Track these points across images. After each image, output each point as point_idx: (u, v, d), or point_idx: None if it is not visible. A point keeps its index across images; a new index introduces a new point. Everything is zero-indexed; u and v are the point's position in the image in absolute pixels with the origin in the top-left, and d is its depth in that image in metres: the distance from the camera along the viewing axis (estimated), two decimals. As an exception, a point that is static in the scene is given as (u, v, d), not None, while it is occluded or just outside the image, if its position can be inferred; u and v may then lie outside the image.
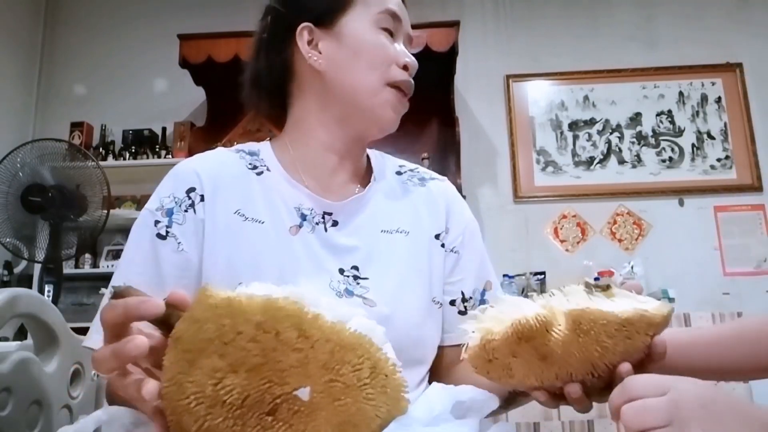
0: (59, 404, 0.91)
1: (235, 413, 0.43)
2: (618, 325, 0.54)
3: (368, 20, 0.82)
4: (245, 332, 0.44)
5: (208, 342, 0.44)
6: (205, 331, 0.44)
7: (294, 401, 0.44)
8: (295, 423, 0.44)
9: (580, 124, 3.26)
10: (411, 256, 0.84)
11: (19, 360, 0.81)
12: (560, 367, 0.56)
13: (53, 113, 3.43)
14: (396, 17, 0.84)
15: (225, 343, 0.44)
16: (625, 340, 0.54)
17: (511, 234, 3.11)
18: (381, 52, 0.82)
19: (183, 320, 0.46)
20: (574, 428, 2.33)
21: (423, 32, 2.83)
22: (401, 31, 0.86)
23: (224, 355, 0.43)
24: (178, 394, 0.44)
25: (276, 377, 0.44)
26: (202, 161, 0.84)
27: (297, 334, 0.44)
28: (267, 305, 0.45)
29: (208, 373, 0.43)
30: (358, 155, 0.88)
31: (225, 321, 0.44)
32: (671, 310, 0.57)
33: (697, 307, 2.63)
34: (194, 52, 2.95)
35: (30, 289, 1.02)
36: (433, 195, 0.91)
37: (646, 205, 3.14)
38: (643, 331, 0.55)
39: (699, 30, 3.30)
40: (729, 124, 3.20)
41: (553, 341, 0.55)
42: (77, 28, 3.56)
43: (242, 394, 0.43)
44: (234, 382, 0.43)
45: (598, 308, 0.55)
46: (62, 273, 1.99)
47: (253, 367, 0.43)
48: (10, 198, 1.97)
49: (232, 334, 0.44)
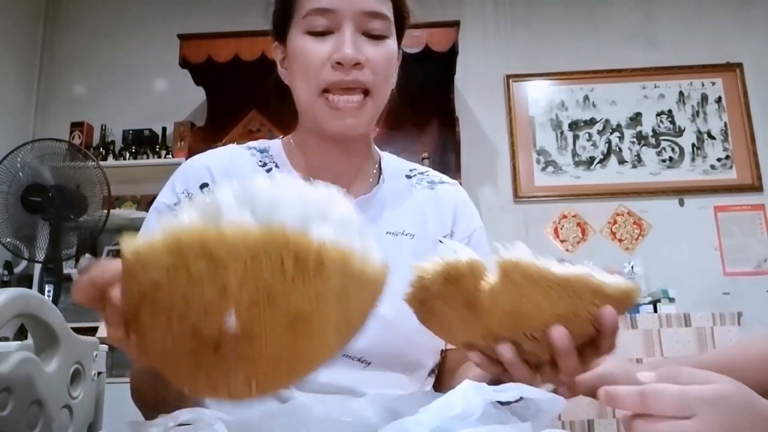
0: (59, 404, 0.91)
1: (188, 361, 0.43)
2: (553, 282, 0.51)
3: (299, 28, 0.78)
4: (161, 283, 0.40)
5: (140, 300, 0.42)
6: (134, 290, 0.42)
7: (229, 329, 0.42)
8: (241, 348, 0.42)
9: (580, 124, 3.26)
10: (415, 260, 0.84)
11: (19, 360, 0.81)
12: (489, 319, 0.53)
13: (53, 113, 3.43)
14: (325, 12, 0.76)
15: (149, 300, 0.42)
16: (562, 302, 0.51)
17: (511, 234, 3.10)
18: (305, 59, 0.76)
19: (122, 279, 0.43)
20: (574, 428, 2.33)
21: (423, 32, 2.82)
22: (342, 21, 0.76)
23: (154, 313, 0.42)
24: (144, 347, 0.44)
25: (201, 318, 0.41)
26: (213, 157, 0.84)
27: (205, 262, 0.40)
28: (170, 242, 0.40)
29: (149, 334, 0.43)
30: (356, 157, 0.87)
31: (140, 274, 0.41)
32: (634, 288, 0.53)
33: (697, 307, 2.63)
34: (194, 52, 2.95)
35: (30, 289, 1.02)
36: (441, 198, 0.90)
37: (646, 205, 3.14)
38: (587, 298, 0.51)
39: (699, 30, 3.30)
40: (729, 124, 3.20)
41: (480, 289, 0.52)
42: (77, 29, 3.56)
43: (182, 345, 0.42)
44: (170, 338, 0.42)
45: (533, 262, 0.52)
46: (62, 273, 1.99)
47: (178, 315, 0.41)
48: (10, 198, 1.97)
49: (151, 289, 0.41)
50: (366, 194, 0.86)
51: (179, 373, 0.45)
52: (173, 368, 0.45)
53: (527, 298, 0.52)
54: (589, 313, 0.52)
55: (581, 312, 0.52)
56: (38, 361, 0.87)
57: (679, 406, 0.44)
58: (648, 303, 2.72)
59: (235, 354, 0.43)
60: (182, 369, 0.44)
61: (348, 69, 0.75)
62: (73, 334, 0.96)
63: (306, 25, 0.77)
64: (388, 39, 0.79)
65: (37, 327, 0.90)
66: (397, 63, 0.86)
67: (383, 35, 0.78)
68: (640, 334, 2.41)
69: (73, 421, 0.95)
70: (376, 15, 0.77)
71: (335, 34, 0.76)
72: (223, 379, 0.44)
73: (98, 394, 1.06)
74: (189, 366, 0.44)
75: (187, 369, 0.44)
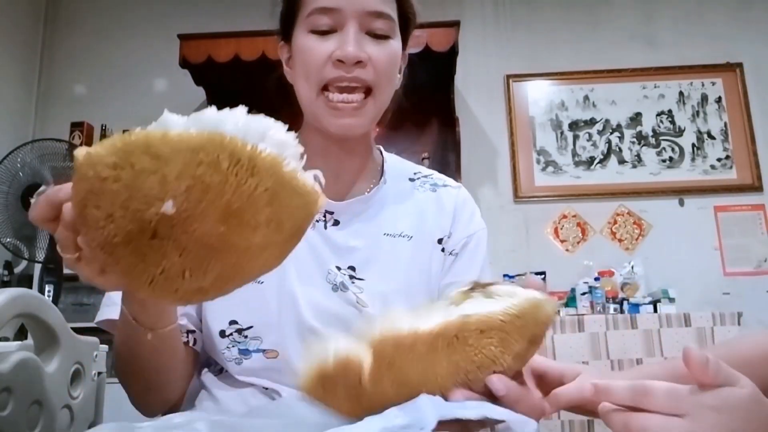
0: (60, 404, 0.91)
1: (128, 249, 0.46)
2: (427, 343, 0.50)
3: (303, 27, 0.79)
4: (107, 176, 0.44)
5: (87, 195, 0.46)
6: (82, 187, 0.46)
7: (167, 219, 0.45)
8: (177, 235, 0.45)
9: (580, 124, 3.26)
10: (412, 261, 0.84)
11: (19, 360, 0.81)
12: (385, 401, 0.51)
13: (53, 113, 3.43)
14: (329, 11, 0.76)
15: (95, 193, 0.45)
16: (451, 356, 0.50)
17: (511, 234, 3.12)
18: (308, 57, 0.77)
19: (73, 181, 0.47)
20: (574, 428, 2.33)
21: (423, 32, 2.82)
22: (345, 20, 0.76)
23: (99, 206, 0.45)
24: (90, 242, 0.47)
25: (141, 204, 0.44)
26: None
27: (148, 158, 0.44)
28: (118, 143, 0.45)
29: (94, 227, 0.46)
30: (357, 157, 0.87)
31: (89, 172, 0.45)
32: (537, 304, 0.52)
33: (697, 307, 2.63)
34: (194, 52, 2.95)
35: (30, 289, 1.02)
36: (442, 200, 0.90)
37: (646, 205, 3.14)
38: (477, 340, 0.50)
39: (699, 30, 3.30)
40: (729, 124, 3.20)
41: (361, 383, 0.51)
42: (77, 29, 3.55)
43: (123, 232, 0.45)
44: (112, 226, 0.45)
45: (399, 331, 0.50)
46: (62, 273, 1.99)
47: (121, 204, 0.45)
48: (11, 198, 1.97)
49: (98, 182, 0.44)
50: (366, 193, 0.86)
51: (121, 264, 0.47)
52: (115, 260, 0.47)
53: (412, 369, 0.51)
54: (487, 356, 0.51)
55: (478, 356, 0.51)
56: (38, 361, 0.87)
57: (669, 404, 0.44)
58: (648, 303, 2.72)
59: (170, 239, 0.45)
60: (123, 259, 0.47)
61: (350, 67, 0.75)
62: (73, 334, 0.96)
63: (310, 24, 0.77)
64: (391, 39, 0.79)
65: (37, 327, 0.90)
66: (401, 64, 0.85)
67: (387, 35, 0.79)
68: (640, 334, 2.41)
69: (74, 421, 0.95)
70: (380, 15, 0.78)
71: (338, 33, 0.77)
72: (158, 267, 0.47)
73: (98, 394, 1.06)
74: (129, 255, 0.46)
75: (128, 259, 0.47)
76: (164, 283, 0.48)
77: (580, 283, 2.86)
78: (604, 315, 2.57)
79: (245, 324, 0.78)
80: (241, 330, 0.78)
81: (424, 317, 0.52)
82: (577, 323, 2.46)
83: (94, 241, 0.47)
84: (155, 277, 0.47)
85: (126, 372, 0.71)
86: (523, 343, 0.52)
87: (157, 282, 0.47)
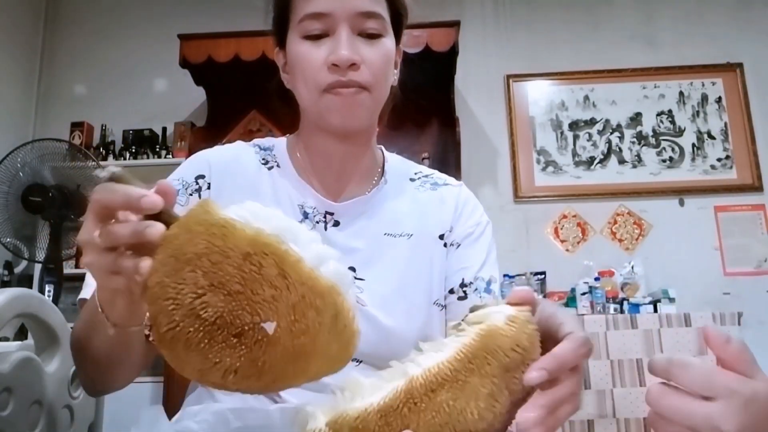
0: (60, 404, 0.91)
1: (206, 327, 0.47)
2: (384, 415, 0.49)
3: (296, 33, 0.79)
4: (232, 259, 0.46)
5: (197, 256, 0.47)
6: (196, 245, 0.47)
7: (259, 331, 0.47)
8: (255, 349, 0.48)
9: (580, 124, 3.26)
10: (412, 259, 0.84)
11: (19, 360, 0.81)
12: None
13: (53, 113, 3.43)
14: (319, 16, 0.76)
15: (212, 262, 0.46)
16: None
17: (511, 234, 3.12)
18: (304, 64, 0.78)
19: (179, 226, 0.48)
20: (574, 428, 2.33)
21: (423, 32, 2.82)
22: (337, 23, 0.76)
23: (208, 274, 0.46)
24: (160, 294, 0.47)
25: (249, 307, 0.47)
26: (217, 152, 0.87)
27: (276, 272, 0.47)
28: (256, 239, 0.47)
29: (190, 285, 0.47)
30: (357, 156, 0.87)
31: (217, 242, 0.46)
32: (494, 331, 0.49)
33: (697, 307, 2.63)
34: (194, 52, 2.95)
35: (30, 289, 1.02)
36: (444, 198, 0.91)
37: (647, 205, 3.14)
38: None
39: (699, 30, 3.30)
40: (729, 124, 3.20)
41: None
42: (77, 29, 3.55)
43: (216, 313, 0.47)
44: (212, 300, 0.46)
45: (349, 415, 0.50)
46: (62, 273, 1.99)
47: (231, 292, 0.46)
48: (11, 198, 1.97)
49: (220, 257, 0.46)
50: (366, 194, 0.86)
51: (184, 333, 0.48)
52: (185, 325, 0.47)
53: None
54: (448, 413, 0.48)
55: (438, 418, 0.49)
56: (39, 361, 0.87)
57: (701, 385, 0.43)
58: (648, 303, 2.72)
59: (247, 347, 0.47)
60: (193, 332, 0.48)
61: (344, 70, 0.75)
62: (73, 334, 0.96)
63: (302, 30, 0.78)
64: (384, 38, 0.79)
65: (37, 327, 0.90)
66: (396, 60, 0.86)
67: (379, 34, 0.79)
68: (640, 334, 2.41)
69: (74, 421, 0.95)
70: (371, 15, 0.78)
71: (331, 36, 0.77)
72: (217, 358, 0.48)
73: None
74: (201, 333, 0.47)
75: (197, 335, 0.47)
76: (213, 370, 0.49)
77: (580, 283, 2.85)
78: (604, 315, 2.57)
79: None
80: None
81: (381, 386, 0.51)
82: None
83: (175, 297, 0.47)
84: (210, 365, 0.48)
85: (79, 350, 0.69)
86: (492, 380, 0.49)
87: (208, 369, 0.49)
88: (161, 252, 0.48)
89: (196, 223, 0.48)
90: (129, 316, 0.58)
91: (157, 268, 0.48)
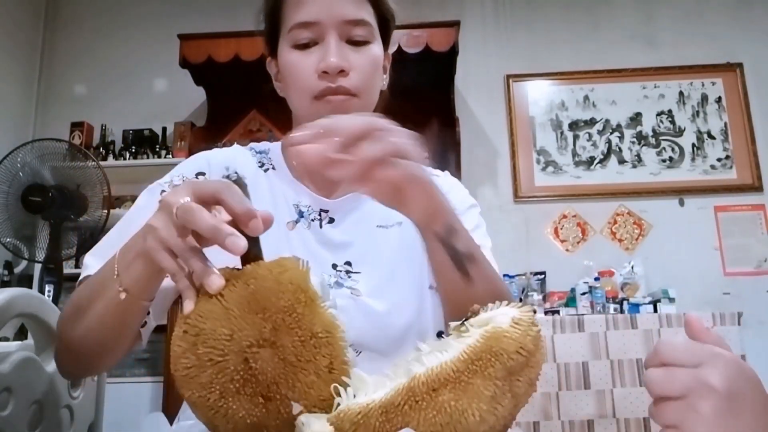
0: (60, 404, 0.91)
1: (245, 374, 0.48)
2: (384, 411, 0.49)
3: (286, 42, 0.82)
4: (303, 332, 0.48)
5: (275, 310, 0.49)
6: (279, 299, 0.49)
7: (286, 407, 0.49)
8: (269, 418, 0.49)
9: (580, 124, 3.26)
10: (403, 246, 0.86)
11: (20, 360, 0.81)
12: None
13: (53, 113, 3.43)
14: (308, 25, 0.79)
15: (285, 324, 0.48)
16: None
17: (511, 234, 3.12)
18: (295, 72, 0.80)
19: (269, 270, 0.51)
20: (574, 428, 2.33)
21: (423, 32, 2.82)
22: (325, 31, 0.79)
23: (276, 331, 0.48)
24: (221, 318, 0.49)
25: (292, 381, 0.49)
26: (216, 153, 0.90)
27: (327, 364, 0.50)
28: (330, 326, 0.50)
29: (255, 331, 0.48)
30: None
31: (299, 309, 0.49)
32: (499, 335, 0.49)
33: (697, 307, 2.63)
34: (194, 52, 2.95)
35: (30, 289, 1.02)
36: None
37: (647, 205, 3.14)
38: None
39: (699, 30, 3.30)
40: (729, 124, 3.20)
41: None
42: (77, 29, 3.55)
43: (262, 369, 0.48)
44: (265, 356, 0.48)
45: (351, 410, 0.50)
46: (62, 273, 1.99)
47: (286, 359, 0.49)
48: (11, 198, 1.97)
49: (294, 324, 0.48)
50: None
51: (227, 375, 0.49)
52: (233, 369, 0.49)
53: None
54: (450, 414, 0.48)
55: (438, 417, 0.48)
56: (39, 361, 0.87)
57: (688, 355, 0.47)
58: (648, 303, 2.72)
59: (268, 417, 0.50)
60: (231, 372, 0.49)
61: (334, 76, 0.78)
62: (73, 334, 0.96)
63: (292, 39, 0.80)
64: (371, 44, 0.82)
65: (37, 327, 0.90)
66: (385, 65, 0.88)
67: (366, 41, 0.81)
68: (640, 334, 2.41)
69: (74, 421, 0.95)
70: (358, 22, 0.80)
71: (320, 44, 0.79)
72: (237, 413, 0.49)
73: (98, 394, 1.06)
74: (236, 372, 0.49)
75: (237, 373, 0.49)
76: (219, 412, 0.49)
77: (580, 283, 2.86)
78: (604, 315, 2.57)
79: None
80: None
81: (384, 383, 0.51)
82: (577, 323, 2.46)
83: (234, 331, 0.48)
84: (222, 405, 0.49)
85: (71, 322, 0.68)
86: (495, 383, 0.48)
87: (216, 408, 0.49)
88: (238, 279, 0.50)
89: (289, 280, 0.50)
90: (143, 285, 0.59)
91: (227, 293, 0.49)
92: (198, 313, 0.49)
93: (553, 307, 2.82)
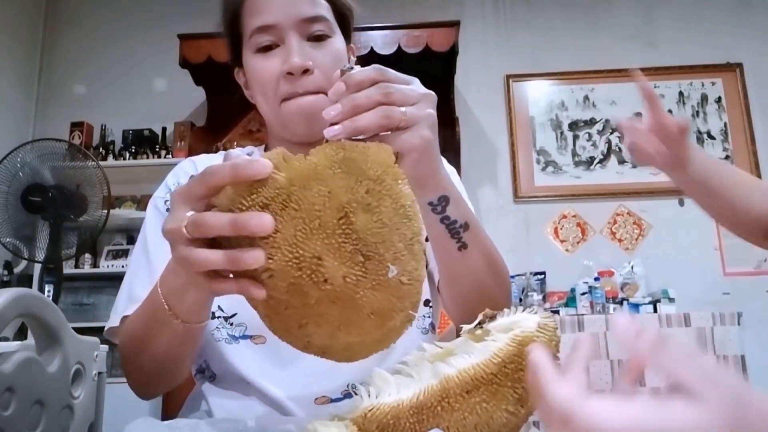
0: (61, 404, 0.91)
1: (345, 230, 0.45)
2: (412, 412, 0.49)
3: (248, 49, 0.82)
4: (389, 202, 0.47)
5: (355, 177, 0.46)
6: (355, 168, 0.47)
7: (383, 266, 0.47)
8: (371, 270, 0.47)
9: (580, 124, 3.26)
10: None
11: (21, 360, 0.81)
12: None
13: (53, 113, 3.43)
14: (267, 28, 0.79)
15: (368, 192, 0.46)
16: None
17: (511, 234, 3.12)
18: (260, 76, 0.81)
19: (346, 149, 0.47)
20: (575, 428, 2.33)
21: (423, 32, 2.82)
22: (284, 32, 0.79)
23: (359, 203, 0.46)
24: (315, 180, 0.46)
25: (385, 245, 0.47)
26: (201, 158, 0.93)
27: (410, 235, 0.48)
28: (411, 199, 0.50)
29: (346, 191, 0.46)
30: None
31: (373, 185, 0.47)
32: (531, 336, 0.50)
33: (697, 307, 2.63)
34: (194, 52, 2.95)
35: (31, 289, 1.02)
36: None
37: (646, 205, 3.14)
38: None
39: (699, 30, 3.30)
40: (729, 124, 3.20)
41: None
42: (77, 28, 3.55)
43: (360, 228, 0.46)
44: (360, 213, 0.46)
45: (380, 411, 0.50)
46: (62, 273, 1.99)
47: (375, 232, 0.46)
48: (10, 198, 1.97)
49: (374, 197, 0.47)
50: None
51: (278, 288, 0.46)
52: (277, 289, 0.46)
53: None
54: (480, 416, 0.50)
55: (469, 419, 0.49)
56: (40, 361, 0.87)
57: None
58: (648, 303, 2.73)
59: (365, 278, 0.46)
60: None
61: (298, 77, 0.78)
62: (74, 334, 0.96)
63: (253, 45, 0.81)
64: (332, 38, 0.82)
65: (38, 327, 0.90)
66: (349, 56, 0.88)
67: (326, 35, 0.81)
68: (640, 334, 2.41)
69: (74, 421, 0.95)
70: (315, 19, 0.80)
71: (282, 46, 0.79)
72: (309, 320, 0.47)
73: (99, 394, 1.06)
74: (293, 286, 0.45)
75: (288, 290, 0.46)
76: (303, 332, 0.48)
77: (580, 283, 2.86)
78: (604, 315, 2.57)
79: (229, 312, 0.81)
80: (227, 318, 0.81)
81: (408, 384, 0.51)
82: (577, 323, 2.46)
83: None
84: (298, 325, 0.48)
85: (135, 353, 0.71)
86: (523, 386, 0.50)
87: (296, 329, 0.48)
88: (325, 149, 0.47)
89: (375, 154, 0.48)
90: (198, 312, 0.59)
91: (316, 159, 0.47)
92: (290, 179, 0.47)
93: (552, 308, 2.82)
